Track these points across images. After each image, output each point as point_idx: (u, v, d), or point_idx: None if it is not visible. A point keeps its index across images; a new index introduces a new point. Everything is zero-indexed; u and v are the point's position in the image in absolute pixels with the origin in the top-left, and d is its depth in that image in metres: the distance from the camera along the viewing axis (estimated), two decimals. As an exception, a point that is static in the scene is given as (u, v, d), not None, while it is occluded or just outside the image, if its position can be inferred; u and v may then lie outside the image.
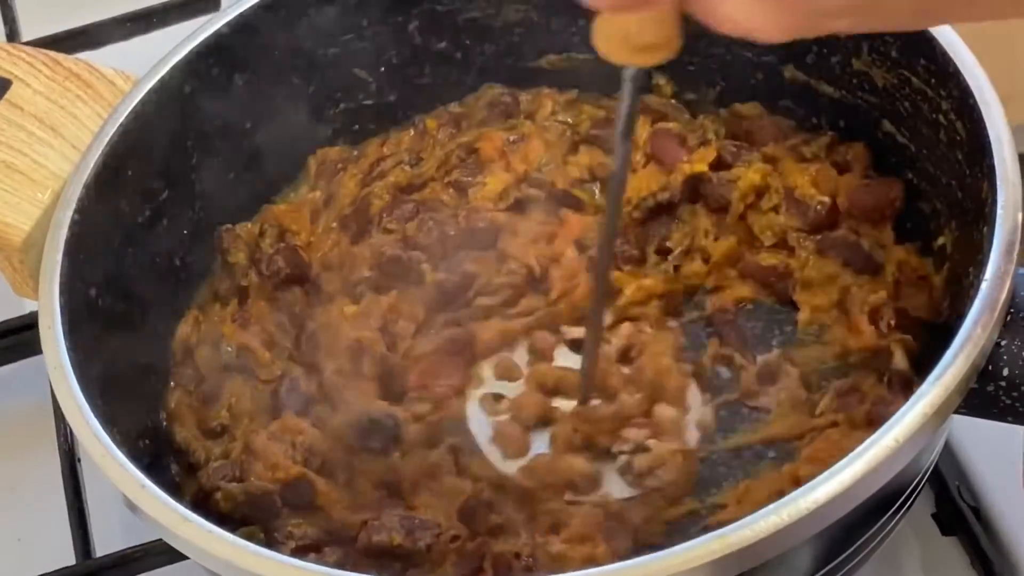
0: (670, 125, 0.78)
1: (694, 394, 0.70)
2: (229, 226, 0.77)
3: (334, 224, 0.78)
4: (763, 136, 0.77)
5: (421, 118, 0.82)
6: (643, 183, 0.76)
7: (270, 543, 0.65)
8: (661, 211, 0.76)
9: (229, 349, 0.73)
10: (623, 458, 0.68)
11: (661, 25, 0.49)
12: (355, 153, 0.81)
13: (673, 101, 0.80)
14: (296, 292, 0.76)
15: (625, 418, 0.69)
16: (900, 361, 0.66)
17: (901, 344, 0.67)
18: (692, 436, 0.69)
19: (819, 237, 0.72)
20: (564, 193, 0.77)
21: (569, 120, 0.80)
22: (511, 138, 0.79)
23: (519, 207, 0.77)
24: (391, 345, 0.73)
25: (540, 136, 0.79)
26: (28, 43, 0.92)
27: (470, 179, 0.78)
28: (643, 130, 0.77)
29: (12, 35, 0.99)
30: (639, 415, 0.69)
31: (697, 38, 0.77)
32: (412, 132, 0.81)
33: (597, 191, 0.78)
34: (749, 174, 0.74)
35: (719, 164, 0.76)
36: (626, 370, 0.71)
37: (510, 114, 0.81)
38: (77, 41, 0.94)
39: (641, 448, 0.68)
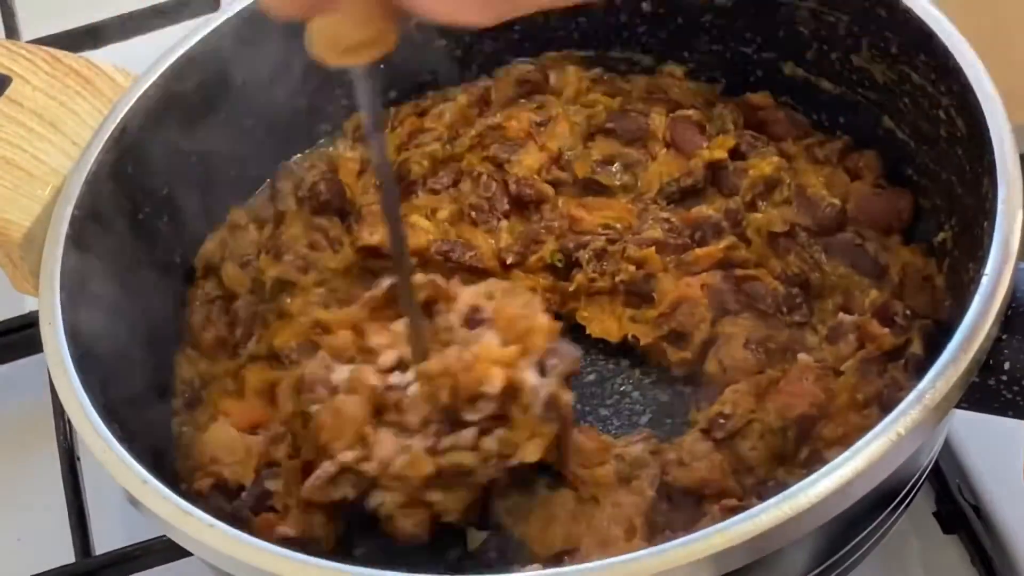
0: (689, 112, 0.78)
1: None
2: (285, 162, 0.79)
3: (371, 188, 0.78)
4: (779, 130, 0.77)
5: (454, 92, 0.82)
6: (663, 169, 0.77)
7: None
8: (687, 196, 0.76)
9: (264, 280, 0.75)
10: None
11: (366, 24, 0.49)
12: (392, 111, 0.81)
13: (689, 85, 0.80)
14: (334, 220, 0.77)
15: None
16: (917, 347, 0.66)
17: (920, 331, 0.67)
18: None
19: (826, 240, 0.72)
20: (587, 180, 0.77)
21: (590, 106, 0.80)
22: (537, 120, 0.79)
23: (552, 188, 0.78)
24: None
25: (566, 119, 0.79)
26: (28, 43, 0.92)
27: (507, 156, 0.78)
28: (660, 119, 0.78)
29: (12, 36, 0.99)
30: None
31: (695, 35, 0.79)
32: (455, 107, 0.81)
33: (618, 175, 0.77)
34: (762, 165, 0.74)
35: (737, 154, 0.76)
36: None
37: (537, 91, 0.81)
38: (76, 41, 0.94)
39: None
